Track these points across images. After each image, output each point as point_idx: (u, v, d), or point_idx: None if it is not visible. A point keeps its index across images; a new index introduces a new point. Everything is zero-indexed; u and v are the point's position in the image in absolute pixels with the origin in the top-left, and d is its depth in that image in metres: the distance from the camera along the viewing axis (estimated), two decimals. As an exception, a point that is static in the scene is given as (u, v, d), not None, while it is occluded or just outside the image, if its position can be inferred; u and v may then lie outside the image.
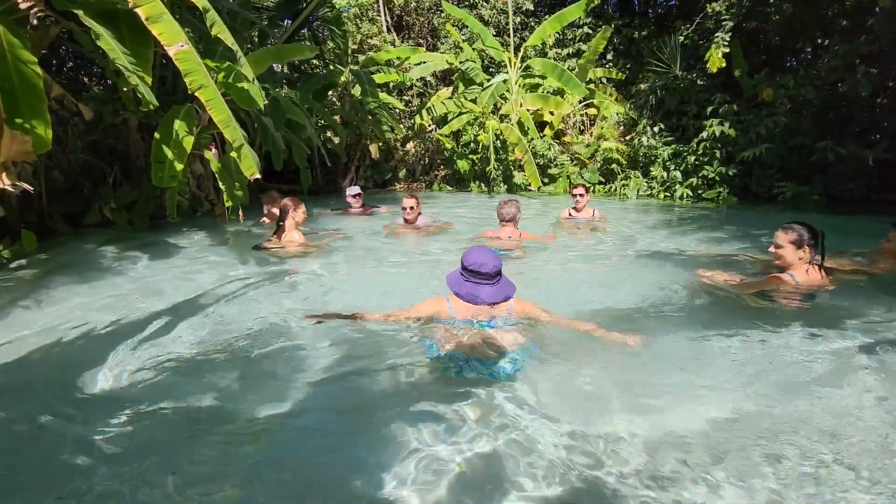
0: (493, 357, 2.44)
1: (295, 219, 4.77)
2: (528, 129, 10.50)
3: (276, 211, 5.43)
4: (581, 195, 6.16)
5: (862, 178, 7.79)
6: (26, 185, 4.06)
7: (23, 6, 3.88)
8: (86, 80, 8.35)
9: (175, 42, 4.10)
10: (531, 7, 12.31)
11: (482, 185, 11.18)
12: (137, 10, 3.98)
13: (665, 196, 9.61)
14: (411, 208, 5.60)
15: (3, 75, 3.71)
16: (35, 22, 4.01)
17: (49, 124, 3.86)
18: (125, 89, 5.50)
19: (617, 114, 10.88)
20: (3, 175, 3.88)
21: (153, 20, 4.02)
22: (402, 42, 13.10)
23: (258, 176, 4.75)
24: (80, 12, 4.27)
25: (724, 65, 8.37)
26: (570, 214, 6.37)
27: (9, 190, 3.95)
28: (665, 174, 9.60)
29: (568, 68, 10.52)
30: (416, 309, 2.77)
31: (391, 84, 11.49)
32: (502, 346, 2.50)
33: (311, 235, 5.32)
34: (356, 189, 7.27)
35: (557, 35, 11.55)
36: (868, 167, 7.55)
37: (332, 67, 10.38)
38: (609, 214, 6.79)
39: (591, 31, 11.83)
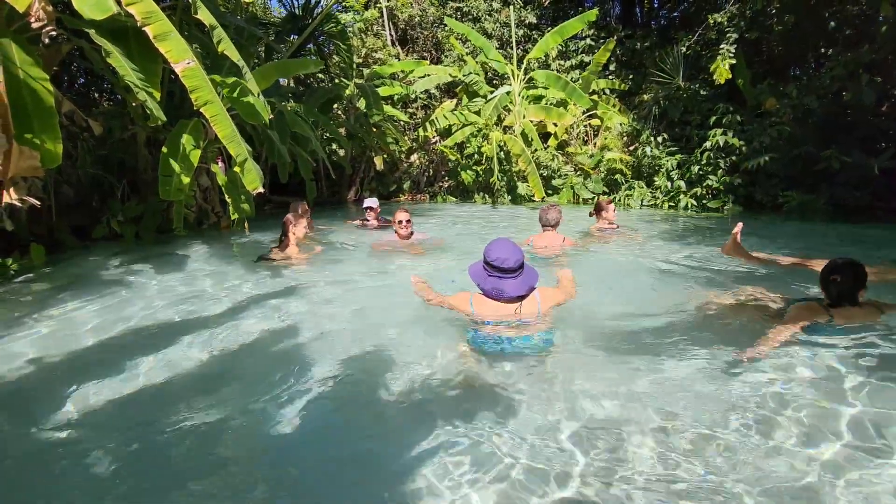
0: (523, 335, 2.61)
1: (295, 233, 4.82)
2: (532, 140, 10.55)
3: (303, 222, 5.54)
4: (613, 208, 5.93)
5: (867, 187, 7.74)
6: (33, 200, 4.13)
7: (35, 25, 3.98)
8: (96, 95, 8.50)
9: (182, 59, 4.18)
10: (534, 20, 12.44)
11: (486, 196, 11.21)
12: (146, 29, 4.07)
13: (669, 206, 9.59)
14: (407, 222, 5.31)
15: (15, 92, 3.80)
16: (47, 40, 4.10)
17: (60, 139, 3.94)
18: (134, 104, 5.59)
19: (620, 124, 10.91)
20: (12, 190, 3.95)
21: (161, 38, 4.11)
22: (407, 55, 13.24)
23: (261, 190, 4.81)
24: (91, 31, 4.38)
25: (730, 76, 8.41)
26: (595, 230, 6.01)
27: (17, 204, 4.02)
28: (669, 184, 9.59)
29: (571, 80, 10.60)
30: (450, 299, 2.90)
31: (396, 97, 11.59)
32: (531, 330, 2.65)
33: (306, 246, 5.32)
34: (371, 202, 6.88)
35: (560, 47, 11.65)
36: (873, 175, 7.51)
37: (337, 81, 10.51)
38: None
39: (593, 43, 11.92)
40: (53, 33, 4.12)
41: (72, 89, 7.92)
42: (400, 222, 5.35)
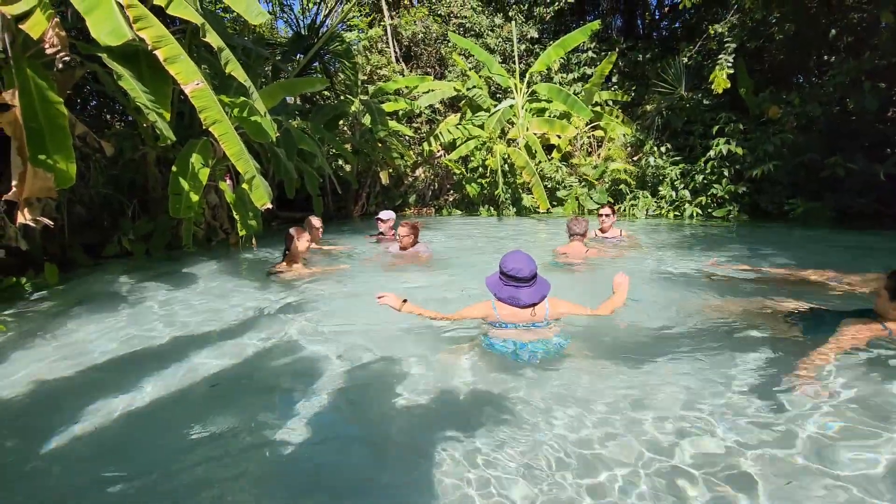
0: (539, 339, 2.76)
1: (298, 247, 4.88)
2: (536, 152, 10.63)
3: (313, 234, 6.04)
4: (607, 215, 6.05)
5: (872, 193, 7.72)
6: (47, 221, 4.23)
7: (49, 51, 4.11)
8: (108, 117, 8.69)
9: (191, 80, 4.29)
10: (535, 35, 12.60)
11: (491, 208, 11.28)
12: (157, 52, 4.19)
13: (675, 215, 9.60)
14: (407, 234, 5.40)
15: (31, 115, 3.93)
16: (61, 65, 4.23)
17: (73, 160, 4.05)
18: (145, 125, 5.73)
19: (624, 135, 10.98)
20: (26, 210, 4.05)
21: (171, 61, 4.23)
22: (411, 71, 13.44)
23: (269, 206, 4.89)
24: (103, 55, 4.52)
25: (728, 86, 8.46)
26: (595, 234, 6.15)
27: (31, 224, 4.12)
28: (674, 193, 9.61)
29: (573, 92, 10.71)
30: (468, 311, 3.00)
31: (400, 112, 11.75)
32: (546, 335, 2.81)
33: (313, 262, 5.39)
34: (386, 214, 6.85)
35: (562, 60, 11.79)
36: (878, 182, 7.49)
37: (342, 98, 10.68)
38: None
39: (595, 56, 12.05)
40: (67, 58, 4.25)
41: (84, 111, 8.10)
42: (404, 236, 5.44)
